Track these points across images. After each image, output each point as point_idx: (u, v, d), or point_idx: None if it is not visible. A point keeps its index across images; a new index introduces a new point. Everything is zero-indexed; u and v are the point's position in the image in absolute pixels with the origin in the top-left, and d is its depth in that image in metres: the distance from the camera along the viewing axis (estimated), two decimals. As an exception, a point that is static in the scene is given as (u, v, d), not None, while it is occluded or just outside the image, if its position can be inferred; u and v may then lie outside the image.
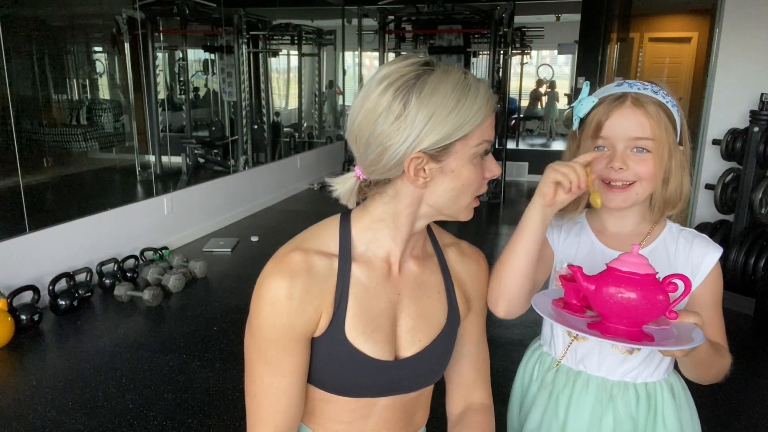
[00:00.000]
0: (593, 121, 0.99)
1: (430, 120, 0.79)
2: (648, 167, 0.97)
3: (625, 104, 0.96)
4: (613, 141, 0.97)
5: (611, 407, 1.05)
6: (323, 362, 0.88)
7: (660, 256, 1.03)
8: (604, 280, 0.84)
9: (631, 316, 0.84)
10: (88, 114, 4.91)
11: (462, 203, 0.87)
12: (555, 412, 1.09)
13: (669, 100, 0.98)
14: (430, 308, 0.93)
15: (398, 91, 0.79)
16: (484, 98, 0.82)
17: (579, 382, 1.08)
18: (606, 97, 0.99)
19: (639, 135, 0.96)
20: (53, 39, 4.54)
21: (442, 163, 0.82)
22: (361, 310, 0.87)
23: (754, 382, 2.74)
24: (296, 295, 0.83)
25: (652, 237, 1.05)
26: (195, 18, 6.05)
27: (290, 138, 7.65)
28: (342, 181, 0.89)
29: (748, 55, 3.93)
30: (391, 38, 7.54)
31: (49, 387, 2.59)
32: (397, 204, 0.86)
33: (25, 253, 3.37)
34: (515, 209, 6.27)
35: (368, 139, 0.82)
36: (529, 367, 1.18)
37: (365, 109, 0.81)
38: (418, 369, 0.92)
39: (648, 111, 0.96)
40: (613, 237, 1.06)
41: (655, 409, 1.05)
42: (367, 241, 0.89)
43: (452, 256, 0.98)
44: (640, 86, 0.98)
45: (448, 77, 0.80)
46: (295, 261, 0.84)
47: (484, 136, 0.84)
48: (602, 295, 0.84)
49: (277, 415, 0.86)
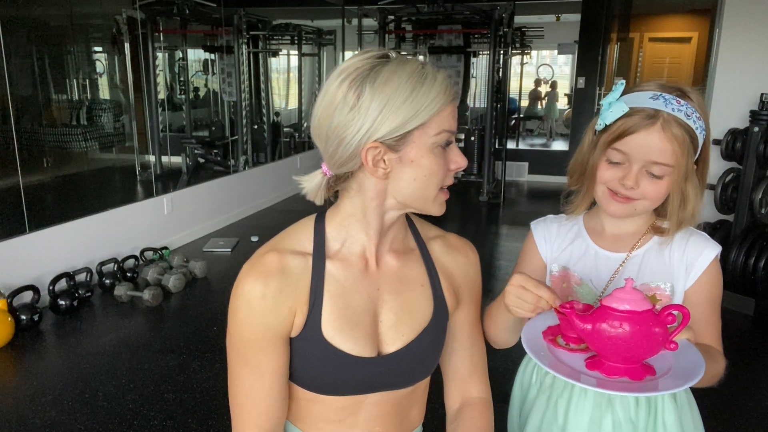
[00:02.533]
0: (618, 131, 0.95)
1: (383, 108, 0.79)
2: (658, 191, 0.95)
3: (655, 126, 0.93)
4: (632, 158, 0.95)
5: (610, 411, 1.04)
6: (304, 362, 0.88)
7: (655, 256, 1.02)
8: (599, 319, 0.82)
9: (630, 354, 0.82)
10: (88, 114, 4.91)
11: (427, 194, 0.86)
12: (554, 416, 1.08)
13: (699, 125, 0.95)
14: (413, 302, 0.92)
15: (353, 83, 0.80)
16: (441, 87, 0.81)
17: (577, 387, 1.06)
18: (637, 109, 0.94)
19: (659, 160, 0.93)
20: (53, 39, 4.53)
21: (400, 153, 0.82)
22: (337, 308, 0.87)
23: (755, 382, 2.74)
24: (270, 296, 0.83)
25: (647, 238, 1.04)
26: (195, 18, 6.05)
27: (290, 138, 7.65)
28: (310, 178, 0.89)
29: (748, 55, 3.93)
30: (391, 38, 7.53)
31: (49, 387, 2.59)
32: (363, 197, 0.87)
33: (25, 253, 3.37)
34: (515, 209, 6.27)
35: (327, 132, 0.82)
36: (528, 372, 1.17)
37: (324, 104, 0.82)
38: (405, 364, 0.91)
39: (675, 136, 0.92)
40: (609, 239, 1.05)
41: (656, 413, 1.04)
42: (342, 238, 0.90)
43: (437, 248, 0.98)
44: (675, 106, 0.93)
45: (403, 67, 0.80)
46: (268, 261, 0.85)
47: (444, 125, 0.82)
48: (599, 335, 0.82)
49: (260, 415, 0.87)
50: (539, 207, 6.48)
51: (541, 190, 7.26)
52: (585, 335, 0.84)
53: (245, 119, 6.14)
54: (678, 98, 0.94)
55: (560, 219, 1.12)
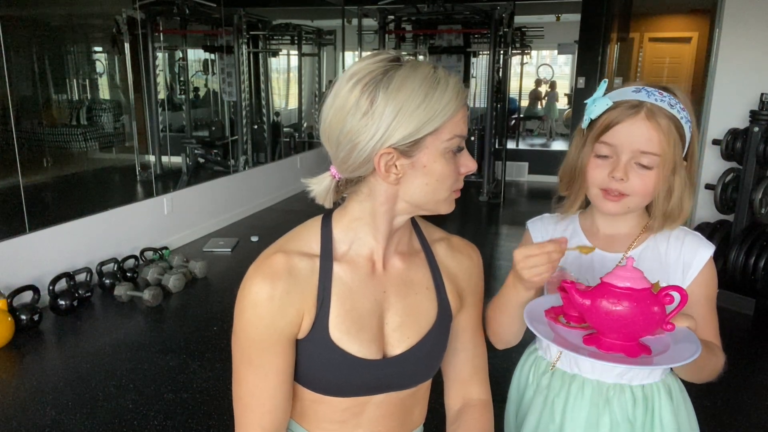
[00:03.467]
0: (603, 124, 0.97)
1: (397, 115, 0.78)
2: (647, 184, 0.96)
3: (639, 115, 0.94)
4: (619, 150, 0.95)
5: (607, 410, 1.04)
6: (310, 363, 0.88)
7: (651, 256, 1.03)
8: (598, 295, 0.83)
9: (627, 331, 0.83)
10: (88, 114, 4.91)
11: (438, 197, 0.86)
12: (551, 416, 1.08)
13: (684, 115, 0.96)
14: (418, 305, 0.93)
15: (366, 87, 0.79)
16: (454, 91, 0.81)
17: (574, 386, 1.07)
18: (621, 102, 0.96)
19: (646, 149, 0.94)
20: (53, 39, 4.53)
21: (413, 159, 0.82)
22: (344, 309, 0.87)
23: (754, 381, 2.74)
24: (277, 297, 0.83)
25: (643, 238, 1.04)
26: (195, 18, 6.05)
27: (290, 138, 7.64)
28: (318, 181, 0.89)
29: (748, 55, 3.93)
30: (391, 38, 7.53)
31: (49, 387, 2.59)
32: (373, 202, 0.86)
33: (25, 253, 3.37)
34: (515, 209, 6.27)
35: (338, 136, 0.82)
36: (525, 372, 1.17)
37: (335, 107, 0.81)
38: (409, 366, 0.91)
39: (660, 125, 0.93)
40: (604, 239, 1.06)
41: (653, 411, 1.04)
42: (349, 240, 0.89)
43: (441, 251, 0.98)
44: (657, 96, 0.95)
45: (416, 72, 0.80)
46: (276, 263, 0.85)
47: (456, 130, 0.82)
48: (597, 311, 0.83)
49: (264, 416, 0.87)
50: (539, 207, 6.47)
51: (541, 190, 7.26)
52: (584, 310, 0.85)
53: (245, 119, 6.14)
54: (660, 91, 0.96)
55: (556, 218, 1.13)
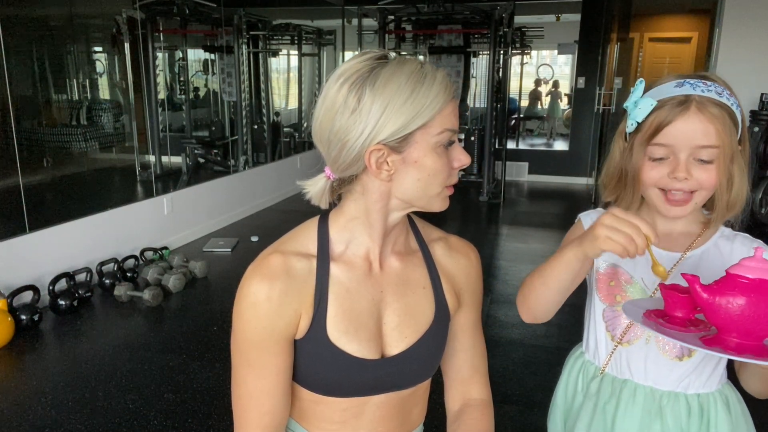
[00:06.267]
0: (653, 126, 0.92)
1: (385, 110, 0.78)
2: (711, 176, 0.91)
3: (690, 110, 0.89)
4: (676, 149, 0.91)
5: (660, 419, 0.99)
6: (308, 364, 0.88)
7: (712, 258, 0.99)
8: (726, 289, 0.75)
9: (757, 328, 0.74)
10: (88, 114, 4.90)
11: (431, 193, 0.85)
12: (602, 422, 1.04)
13: (733, 101, 0.92)
14: (416, 304, 0.93)
15: (353, 86, 0.79)
16: (441, 85, 0.81)
17: (625, 392, 1.02)
18: (666, 99, 0.91)
19: (704, 143, 0.89)
20: (53, 39, 4.53)
21: (403, 154, 0.82)
22: (342, 309, 0.87)
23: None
24: (275, 297, 0.83)
25: (703, 239, 1.00)
26: (195, 18, 6.05)
27: (290, 138, 7.64)
28: (313, 183, 0.90)
29: (748, 55, 3.93)
30: (391, 38, 7.54)
31: (49, 387, 2.59)
32: (367, 200, 0.87)
33: (25, 253, 3.37)
34: (515, 209, 6.27)
35: (329, 136, 0.82)
36: (573, 377, 1.12)
37: (324, 108, 0.82)
38: (407, 366, 0.92)
39: (713, 116, 0.89)
40: (662, 237, 0.99)
41: (708, 423, 0.99)
42: (346, 240, 0.90)
43: (439, 250, 0.98)
44: (703, 87, 0.90)
45: (402, 68, 0.80)
46: (273, 263, 0.85)
47: (446, 124, 0.82)
48: (725, 307, 0.74)
49: (263, 416, 0.87)
50: (539, 207, 6.48)
51: (541, 190, 7.26)
52: (705, 306, 0.77)
53: (245, 119, 6.14)
54: (704, 81, 0.92)
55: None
